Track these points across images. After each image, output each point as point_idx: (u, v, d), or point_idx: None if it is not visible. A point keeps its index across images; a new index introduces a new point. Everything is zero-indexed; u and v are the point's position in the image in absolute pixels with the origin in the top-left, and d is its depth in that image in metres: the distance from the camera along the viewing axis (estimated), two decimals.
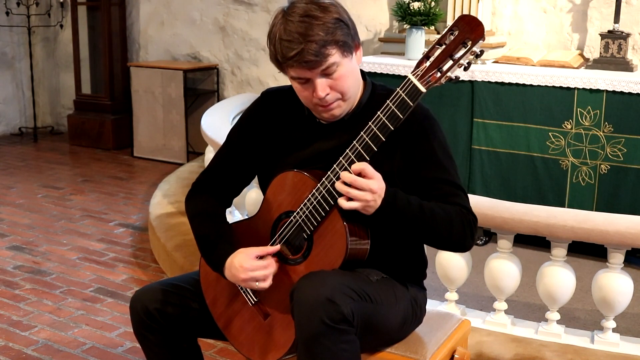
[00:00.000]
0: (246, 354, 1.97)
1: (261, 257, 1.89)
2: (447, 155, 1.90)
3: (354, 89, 1.89)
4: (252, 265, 1.86)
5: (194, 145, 6.39)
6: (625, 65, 4.10)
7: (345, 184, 1.74)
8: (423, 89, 1.69)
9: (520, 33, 4.85)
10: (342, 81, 1.83)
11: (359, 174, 1.73)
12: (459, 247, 1.90)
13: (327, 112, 1.87)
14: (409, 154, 1.87)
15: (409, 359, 1.99)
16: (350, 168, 1.76)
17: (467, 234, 1.87)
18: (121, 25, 6.85)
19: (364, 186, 1.72)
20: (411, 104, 1.70)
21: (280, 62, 1.81)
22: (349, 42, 1.83)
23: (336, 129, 1.93)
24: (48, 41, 7.53)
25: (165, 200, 4.58)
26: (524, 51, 4.43)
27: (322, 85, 1.81)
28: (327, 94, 1.83)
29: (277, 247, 1.90)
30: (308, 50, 1.75)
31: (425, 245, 2.11)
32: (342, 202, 1.74)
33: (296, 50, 1.76)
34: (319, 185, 1.81)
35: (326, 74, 1.81)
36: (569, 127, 3.97)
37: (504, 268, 2.87)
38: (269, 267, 1.87)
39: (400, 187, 1.85)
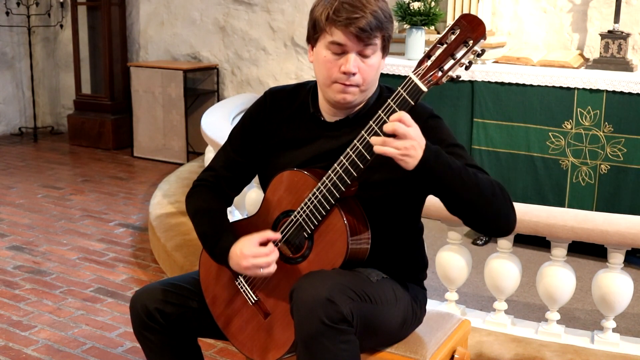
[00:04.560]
0: (246, 354, 1.97)
1: (263, 245, 1.89)
2: (458, 145, 1.88)
3: (373, 85, 1.91)
4: (253, 252, 1.86)
5: (194, 145, 6.39)
6: (625, 65, 4.10)
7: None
8: (424, 88, 1.69)
9: (520, 33, 4.85)
10: (370, 70, 1.85)
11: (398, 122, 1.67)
12: (504, 218, 1.78)
13: (342, 94, 1.86)
14: None
15: (409, 359, 1.99)
16: (351, 168, 1.76)
17: (508, 204, 1.79)
18: (121, 25, 6.85)
19: (405, 134, 1.65)
20: (412, 102, 1.70)
21: (332, 19, 1.80)
22: (389, 40, 1.88)
23: (341, 128, 1.93)
24: (48, 41, 7.53)
25: (165, 200, 4.58)
26: (524, 51, 4.43)
27: (354, 62, 1.82)
28: (355, 73, 1.83)
29: (278, 234, 1.89)
30: (368, 20, 1.79)
31: (425, 246, 2.11)
32: (378, 148, 1.67)
33: (357, 15, 1.78)
34: (319, 184, 1.80)
35: (363, 54, 1.83)
36: (569, 127, 3.97)
37: (504, 268, 2.87)
38: (272, 254, 1.85)
39: (415, 184, 1.84)
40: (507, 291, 2.91)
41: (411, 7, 4.49)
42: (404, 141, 1.66)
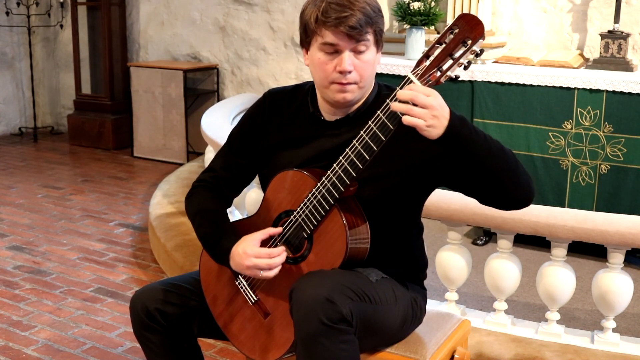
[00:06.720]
0: (246, 353, 1.97)
1: (265, 241, 1.89)
2: None
3: (370, 81, 1.91)
4: (255, 252, 1.86)
5: (194, 145, 6.39)
6: (625, 65, 4.10)
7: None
8: None
9: (520, 33, 4.85)
10: (366, 66, 1.85)
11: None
12: (526, 186, 1.77)
13: (341, 93, 1.86)
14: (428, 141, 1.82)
15: (409, 359, 1.99)
16: (350, 168, 1.75)
17: (527, 173, 1.79)
18: (121, 25, 6.85)
19: (425, 104, 1.65)
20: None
21: (322, 21, 1.81)
22: (381, 34, 1.88)
23: (341, 126, 1.93)
24: (48, 41, 7.53)
25: (165, 200, 4.58)
26: (524, 51, 4.43)
27: (349, 60, 1.82)
28: (351, 71, 1.83)
29: (279, 229, 1.89)
30: (357, 17, 1.79)
31: (425, 246, 2.11)
32: (406, 118, 1.65)
33: (345, 14, 1.78)
34: (318, 184, 1.80)
35: (357, 51, 1.83)
36: (569, 127, 3.97)
37: (504, 268, 2.87)
38: (274, 256, 1.85)
39: (429, 173, 1.85)
40: (507, 291, 2.91)
41: (411, 7, 4.49)
42: (427, 111, 1.65)
